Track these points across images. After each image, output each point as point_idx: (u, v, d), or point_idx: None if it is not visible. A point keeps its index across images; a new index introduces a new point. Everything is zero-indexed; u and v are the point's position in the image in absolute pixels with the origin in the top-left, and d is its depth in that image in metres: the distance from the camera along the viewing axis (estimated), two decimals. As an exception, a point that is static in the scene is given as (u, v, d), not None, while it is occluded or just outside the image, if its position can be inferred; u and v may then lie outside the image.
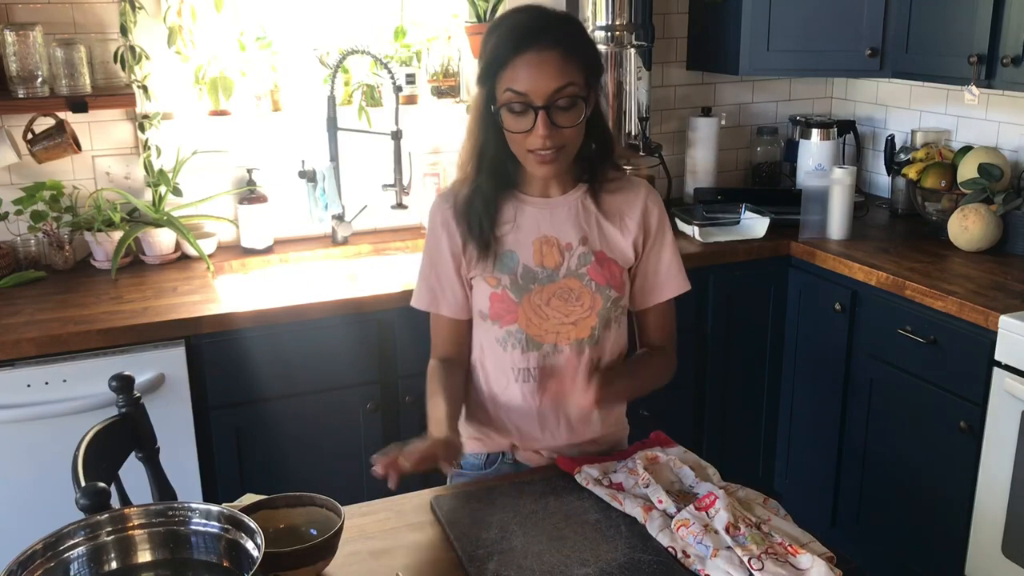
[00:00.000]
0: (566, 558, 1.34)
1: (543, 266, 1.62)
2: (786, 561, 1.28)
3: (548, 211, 1.64)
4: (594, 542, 1.38)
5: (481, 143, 1.60)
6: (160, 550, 1.21)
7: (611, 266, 1.64)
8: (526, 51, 1.47)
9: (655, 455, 1.57)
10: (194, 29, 2.73)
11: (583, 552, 1.35)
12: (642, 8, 2.99)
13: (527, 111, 1.49)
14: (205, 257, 2.69)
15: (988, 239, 2.69)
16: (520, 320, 1.62)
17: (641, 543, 1.37)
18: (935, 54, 2.72)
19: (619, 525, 1.42)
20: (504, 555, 1.35)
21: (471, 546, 1.38)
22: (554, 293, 1.62)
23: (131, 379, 1.71)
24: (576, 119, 1.51)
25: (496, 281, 1.62)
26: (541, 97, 1.48)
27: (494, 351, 1.66)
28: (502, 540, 1.39)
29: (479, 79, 1.55)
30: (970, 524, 2.38)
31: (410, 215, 3.04)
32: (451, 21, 3.09)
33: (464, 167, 1.65)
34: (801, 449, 3.04)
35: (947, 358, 2.41)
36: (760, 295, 2.98)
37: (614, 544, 1.37)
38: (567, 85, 1.48)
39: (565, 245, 1.62)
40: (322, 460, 2.50)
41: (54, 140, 2.55)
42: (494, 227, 1.61)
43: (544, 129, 1.49)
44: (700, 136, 3.33)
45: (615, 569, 1.31)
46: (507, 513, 1.47)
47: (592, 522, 1.44)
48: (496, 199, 1.62)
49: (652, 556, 1.34)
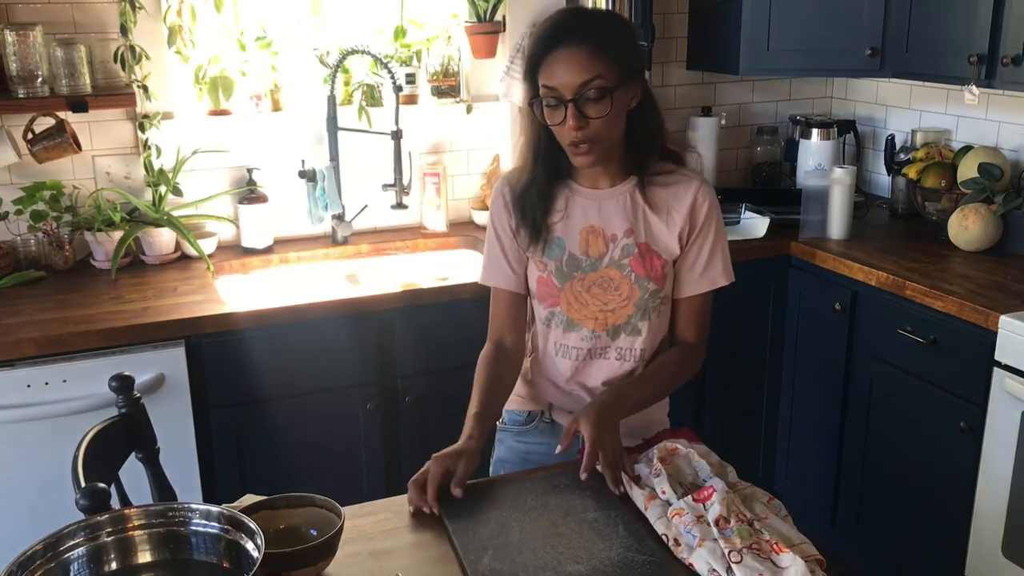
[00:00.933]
0: (560, 555, 1.35)
1: (587, 255, 1.69)
2: (767, 558, 1.30)
3: (597, 202, 1.70)
4: (590, 540, 1.39)
5: (534, 137, 1.68)
6: (160, 551, 1.21)
7: (653, 259, 1.69)
8: (556, 48, 1.55)
9: (675, 447, 1.59)
10: (194, 29, 2.73)
11: (577, 549, 1.36)
12: (642, 8, 2.99)
13: (559, 105, 1.57)
14: (205, 257, 2.69)
15: (988, 239, 2.69)
16: (561, 304, 1.71)
17: (636, 543, 1.38)
18: (935, 54, 2.72)
19: (616, 524, 1.43)
20: (499, 549, 1.36)
21: (467, 539, 1.39)
22: (595, 281, 1.69)
23: (131, 379, 1.71)
24: (604, 111, 1.56)
25: (543, 266, 1.71)
26: (569, 90, 1.55)
27: (539, 325, 1.77)
28: (499, 535, 1.40)
29: (524, 77, 1.64)
30: (970, 524, 2.38)
31: (410, 215, 3.05)
32: (451, 21, 3.09)
33: (522, 157, 1.73)
34: (801, 449, 3.04)
35: (947, 358, 2.41)
36: (760, 295, 2.98)
37: (610, 543, 1.38)
38: (594, 78, 1.54)
39: (610, 236, 1.69)
40: (322, 460, 2.50)
41: (54, 140, 2.55)
42: (546, 215, 1.69)
43: (573, 121, 1.56)
44: (700, 136, 3.33)
45: (608, 567, 1.32)
46: (507, 509, 1.48)
47: (590, 520, 1.45)
48: (550, 189, 1.70)
49: (646, 556, 1.34)
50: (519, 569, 1.32)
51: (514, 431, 1.84)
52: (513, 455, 1.83)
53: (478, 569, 1.32)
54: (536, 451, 1.80)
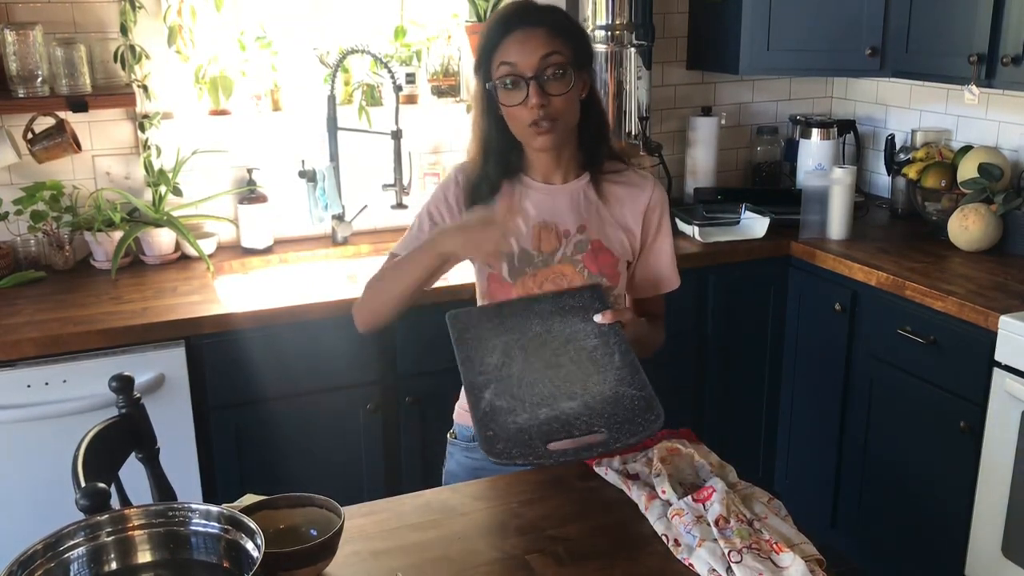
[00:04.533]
0: (557, 389, 1.42)
1: (540, 250, 1.68)
2: (767, 558, 1.30)
3: (550, 197, 1.70)
4: (586, 372, 1.46)
5: (485, 133, 1.68)
6: (160, 551, 1.21)
7: (606, 256, 1.69)
8: (514, 30, 1.58)
9: (676, 447, 1.59)
10: (194, 29, 2.73)
11: (573, 384, 1.43)
12: (642, 8, 2.99)
13: (519, 83, 1.57)
14: (205, 257, 2.69)
15: (988, 239, 2.69)
16: None
17: (630, 375, 1.44)
18: (935, 54, 2.72)
19: (613, 353, 1.48)
20: (501, 383, 1.43)
21: (473, 372, 1.46)
22: (547, 277, 1.68)
23: (131, 379, 1.71)
24: (566, 87, 1.58)
25: None
26: (530, 67, 1.56)
27: None
28: (503, 367, 1.46)
29: (475, 68, 1.64)
30: (970, 524, 2.38)
31: (410, 215, 3.02)
32: (451, 21, 3.09)
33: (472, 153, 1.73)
34: (801, 449, 3.04)
35: (947, 358, 2.41)
36: (760, 295, 2.98)
37: (604, 375, 1.45)
38: (553, 53, 1.56)
39: (563, 231, 1.68)
40: (322, 460, 2.50)
41: (54, 140, 2.55)
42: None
43: (536, 98, 1.56)
44: (700, 136, 3.34)
45: (599, 403, 1.39)
46: (513, 335, 1.53)
47: (589, 348, 1.50)
48: (500, 185, 1.69)
49: (636, 391, 1.41)
50: (517, 405, 1.39)
51: (463, 445, 1.80)
52: (462, 470, 1.79)
53: (480, 407, 1.40)
54: (486, 466, 1.70)
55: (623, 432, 1.36)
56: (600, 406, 1.39)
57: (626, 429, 1.37)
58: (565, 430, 1.37)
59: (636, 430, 1.37)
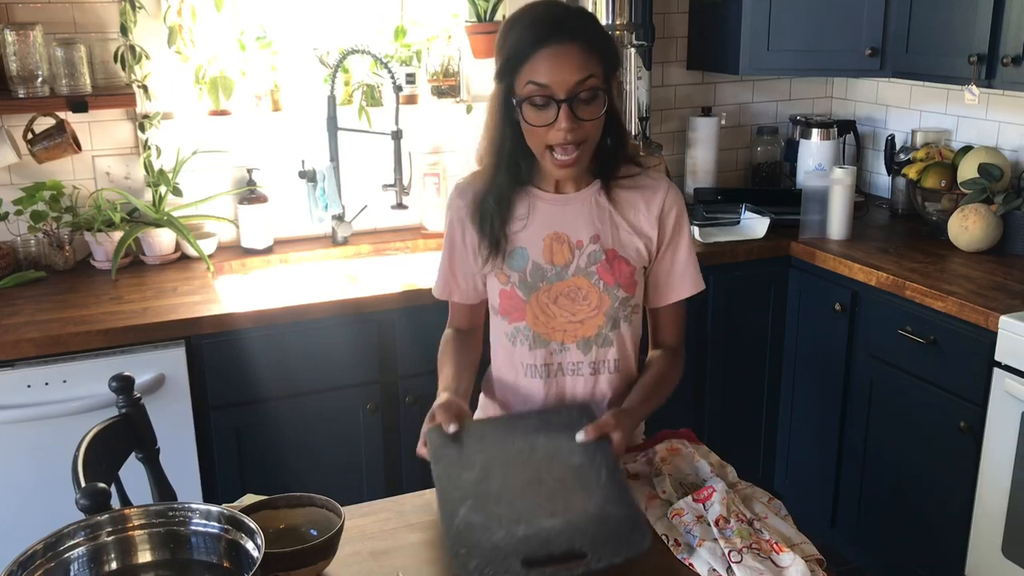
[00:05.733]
0: (538, 507, 1.32)
1: (552, 263, 1.62)
2: (768, 558, 1.30)
3: (561, 207, 1.63)
4: (570, 490, 1.36)
5: (499, 140, 1.59)
6: (160, 550, 1.21)
7: (621, 265, 1.63)
8: (547, 44, 1.48)
9: (676, 447, 1.58)
10: (194, 29, 2.73)
11: (556, 501, 1.33)
12: (642, 8, 2.99)
13: (549, 104, 1.49)
14: (205, 257, 2.69)
15: (988, 239, 2.69)
16: (528, 317, 1.63)
17: (616, 494, 1.34)
18: (935, 54, 2.72)
19: (600, 471, 1.39)
20: (478, 499, 1.34)
21: (448, 487, 1.37)
22: (562, 292, 1.62)
23: (131, 379, 1.71)
24: (598, 112, 1.52)
25: (506, 278, 1.63)
26: (563, 89, 1.48)
27: (503, 345, 1.69)
28: (481, 482, 1.37)
29: (498, 75, 1.55)
30: (970, 524, 2.38)
31: (410, 215, 3.04)
32: (451, 21, 3.09)
33: (481, 162, 1.66)
34: (801, 449, 3.04)
35: (947, 358, 2.41)
36: (760, 295, 2.98)
37: (589, 493, 1.35)
38: (588, 77, 1.48)
39: (576, 242, 1.62)
40: (322, 460, 2.50)
41: (54, 140, 2.55)
42: (505, 225, 1.62)
43: (567, 122, 1.49)
44: (700, 136, 3.33)
45: (582, 521, 1.29)
46: (494, 451, 1.45)
47: (575, 466, 1.41)
48: (510, 196, 1.62)
49: (623, 511, 1.31)
50: (493, 522, 1.29)
51: None
52: None
53: (454, 523, 1.30)
54: None
55: (606, 551, 1.26)
56: (583, 524, 1.29)
57: (609, 549, 1.26)
58: (544, 548, 1.26)
59: (620, 550, 1.27)
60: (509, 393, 1.71)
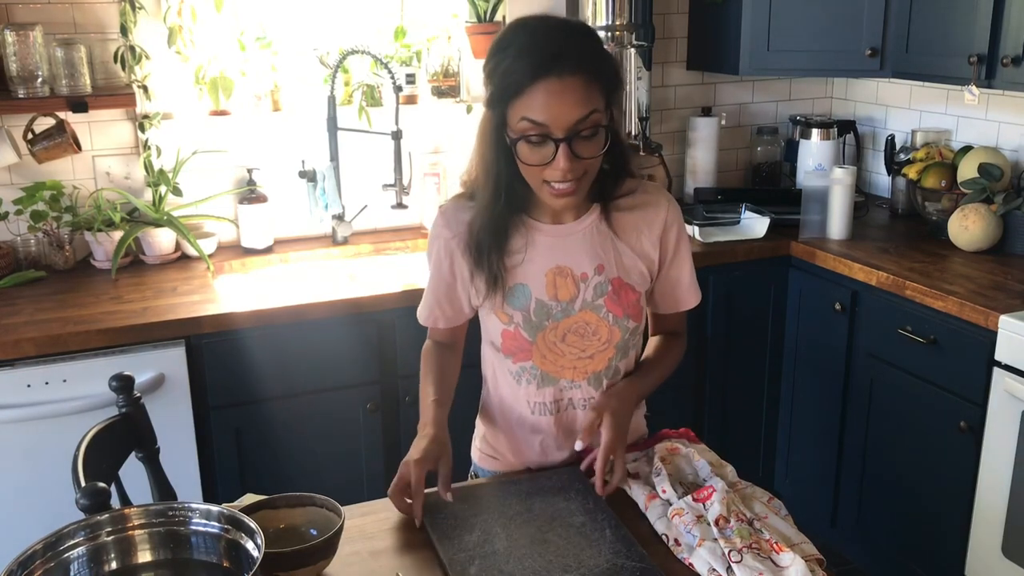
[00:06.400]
0: (548, 563, 1.32)
1: (557, 299, 1.54)
2: (768, 558, 1.30)
3: (562, 239, 1.54)
4: (577, 546, 1.36)
5: (494, 169, 1.48)
6: (160, 550, 1.21)
7: (628, 293, 1.56)
8: (545, 77, 1.35)
9: (676, 446, 1.59)
10: (194, 29, 2.73)
11: (566, 557, 1.33)
12: (642, 8, 2.99)
13: (546, 142, 1.38)
14: (205, 257, 2.69)
15: (988, 239, 2.69)
16: (535, 358, 1.57)
17: (625, 548, 1.35)
18: (935, 54, 2.72)
19: (604, 528, 1.40)
20: (486, 559, 1.33)
21: (453, 549, 1.36)
22: (569, 328, 1.55)
23: (131, 379, 1.71)
24: (599, 149, 1.41)
25: (508, 318, 1.56)
26: (562, 128, 1.37)
27: (508, 383, 1.63)
28: (484, 543, 1.37)
29: (489, 102, 1.43)
30: (970, 524, 2.38)
31: (410, 215, 3.04)
32: (451, 21, 3.09)
33: (466, 186, 1.59)
34: (801, 449, 3.04)
35: (947, 358, 2.41)
36: (760, 295, 2.98)
37: (598, 548, 1.35)
38: (591, 113, 1.37)
39: (580, 276, 1.54)
40: (322, 460, 2.50)
41: (54, 140, 2.55)
42: (503, 258, 1.53)
43: (565, 162, 1.38)
44: (700, 136, 3.33)
45: (596, 575, 1.30)
46: (491, 515, 1.45)
47: (577, 525, 1.41)
48: (507, 228, 1.52)
49: (635, 562, 1.32)
50: None
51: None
52: None
53: None
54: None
55: None
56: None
57: None
58: None
59: None
60: (515, 427, 1.66)
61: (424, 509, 1.44)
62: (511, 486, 1.53)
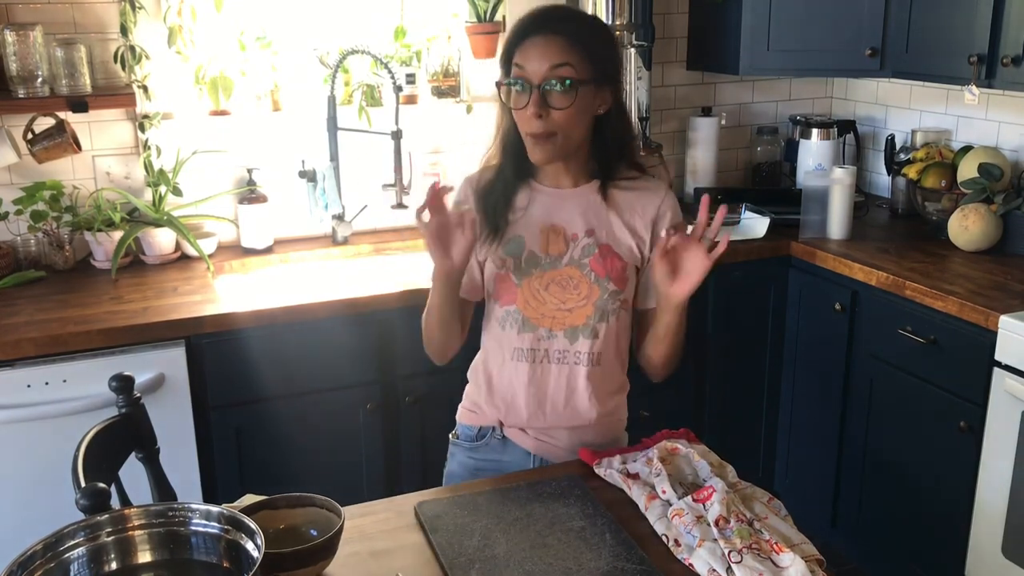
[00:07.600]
0: (548, 566, 1.33)
1: (547, 253, 1.67)
2: (768, 558, 1.30)
3: (559, 201, 1.69)
4: (577, 550, 1.37)
5: (505, 128, 1.67)
6: (160, 551, 1.21)
7: (614, 260, 1.67)
8: (535, 34, 1.57)
9: (675, 447, 1.59)
10: (194, 29, 2.73)
11: (566, 560, 1.34)
12: (642, 8, 2.99)
13: (526, 88, 1.56)
14: (205, 257, 2.69)
15: (988, 239, 2.69)
16: (518, 301, 1.68)
17: (625, 551, 1.36)
18: (935, 54, 2.72)
19: (603, 532, 1.41)
20: (486, 563, 1.34)
21: (453, 554, 1.37)
22: (553, 279, 1.67)
23: (131, 379, 1.71)
24: (567, 102, 1.55)
25: (501, 262, 1.69)
26: (537, 75, 1.55)
27: (493, 329, 1.74)
28: (484, 548, 1.38)
29: (500, 62, 1.64)
30: (970, 524, 2.38)
31: (410, 215, 3.04)
32: (451, 21, 3.09)
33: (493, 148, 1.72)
34: (801, 449, 3.04)
35: (947, 358, 2.41)
36: (760, 295, 2.98)
37: (597, 552, 1.36)
38: (563, 64, 1.54)
39: (571, 235, 1.67)
40: (322, 460, 2.50)
41: (54, 140, 2.55)
42: (507, 212, 1.68)
43: (534, 107, 1.55)
44: (700, 136, 3.33)
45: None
46: (491, 520, 1.46)
47: (577, 529, 1.43)
48: (515, 186, 1.69)
49: (636, 565, 1.33)
50: None
51: (465, 446, 1.80)
52: (463, 470, 1.80)
53: None
54: (487, 467, 1.77)
55: None
56: None
57: None
58: None
59: None
60: (494, 375, 1.74)
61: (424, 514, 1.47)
62: (511, 492, 1.55)
